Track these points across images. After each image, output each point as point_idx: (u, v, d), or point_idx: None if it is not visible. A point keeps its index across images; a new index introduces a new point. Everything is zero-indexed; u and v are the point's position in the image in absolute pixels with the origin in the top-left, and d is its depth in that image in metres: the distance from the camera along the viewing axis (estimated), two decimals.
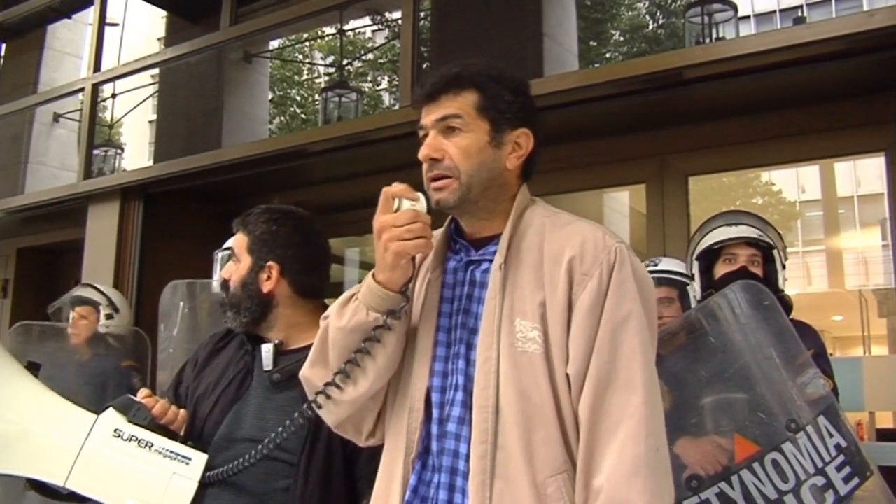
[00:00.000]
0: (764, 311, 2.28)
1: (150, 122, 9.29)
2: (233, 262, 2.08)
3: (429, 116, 1.54)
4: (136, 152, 7.83)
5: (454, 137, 1.51)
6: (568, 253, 1.46)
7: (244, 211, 2.17)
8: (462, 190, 1.50)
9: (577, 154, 4.01)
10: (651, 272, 2.87)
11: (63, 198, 5.55)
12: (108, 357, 3.78)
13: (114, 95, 6.19)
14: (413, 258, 1.50)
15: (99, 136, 5.99)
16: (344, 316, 1.52)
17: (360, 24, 6.50)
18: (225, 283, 2.08)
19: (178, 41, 5.58)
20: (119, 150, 6.69)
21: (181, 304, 3.36)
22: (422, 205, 1.47)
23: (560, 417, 1.42)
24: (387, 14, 6.34)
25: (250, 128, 5.69)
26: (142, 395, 1.94)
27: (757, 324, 2.27)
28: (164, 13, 6.66)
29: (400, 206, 1.46)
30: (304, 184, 5.08)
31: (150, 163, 5.57)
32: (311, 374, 1.62)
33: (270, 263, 2.02)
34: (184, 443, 1.91)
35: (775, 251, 2.67)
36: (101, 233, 5.10)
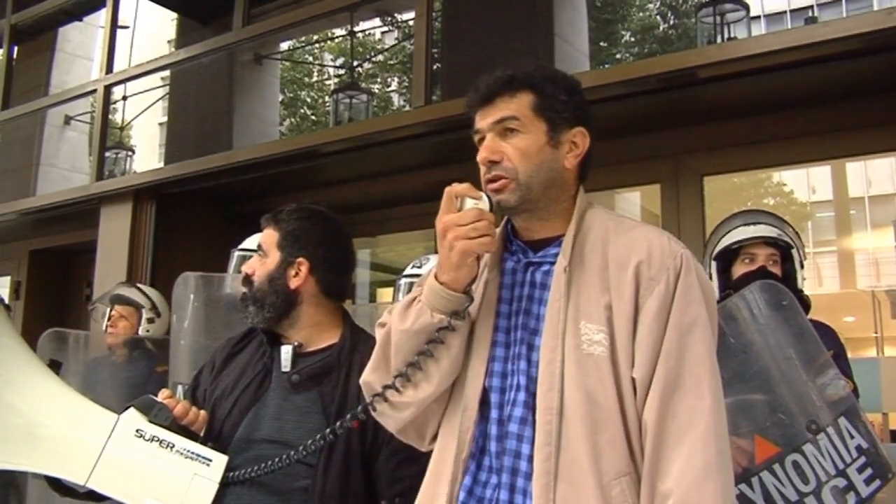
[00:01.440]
0: (783, 311, 2.26)
1: (161, 124, 9.29)
2: (258, 257, 2.08)
3: (485, 120, 1.55)
4: (147, 154, 7.84)
5: (512, 139, 1.52)
6: (635, 257, 1.46)
7: (255, 212, 2.17)
8: (522, 190, 1.50)
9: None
10: None
11: (76, 199, 5.56)
12: (143, 361, 3.73)
13: (125, 98, 6.20)
14: (478, 257, 1.50)
15: (110, 139, 6.00)
16: (408, 318, 1.52)
17: (371, 26, 6.49)
18: (248, 279, 2.07)
19: (189, 43, 5.59)
20: (130, 153, 6.70)
21: (192, 296, 3.35)
22: (485, 203, 1.47)
23: (625, 420, 1.43)
24: (397, 15, 6.32)
25: (261, 129, 5.69)
26: (163, 395, 1.95)
27: (776, 324, 2.25)
28: (175, 15, 6.70)
29: (463, 206, 1.46)
30: (316, 185, 5.08)
31: (161, 165, 5.57)
32: (372, 379, 1.61)
33: (300, 259, 2.03)
34: (204, 444, 1.91)
35: (794, 250, 2.66)
36: (114, 234, 5.11)
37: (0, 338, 1.86)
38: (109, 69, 5.64)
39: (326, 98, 7.70)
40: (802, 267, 2.73)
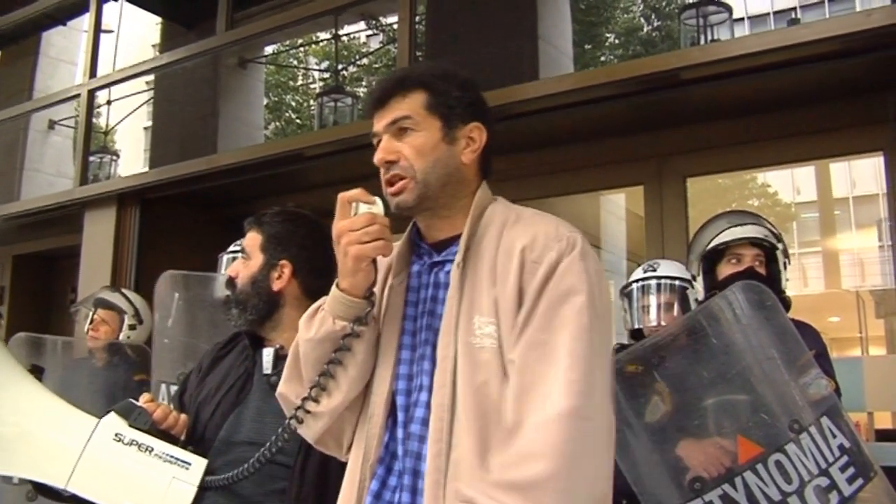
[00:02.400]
0: (765, 311, 2.27)
1: (146, 128, 9.26)
2: (242, 260, 2.09)
3: (380, 122, 1.54)
4: (132, 159, 7.81)
5: (407, 138, 1.51)
6: (519, 244, 1.44)
7: (240, 216, 2.18)
8: (419, 188, 1.49)
9: (574, 157, 4.01)
10: (650, 278, 2.88)
11: (59, 204, 5.54)
12: (121, 367, 3.68)
13: (109, 102, 6.18)
14: (374, 262, 1.48)
15: (94, 143, 5.98)
16: (312, 328, 1.52)
17: (356, 29, 6.49)
18: (231, 281, 2.08)
19: (174, 47, 5.58)
20: (114, 157, 6.68)
21: (176, 295, 3.33)
22: (378, 207, 1.46)
23: None
24: (382, 19, 6.32)
25: (246, 133, 5.68)
26: (143, 399, 1.94)
27: (759, 324, 2.26)
28: (159, 20, 6.68)
29: (357, 211, 1.45)
30: (301, 188, 5.07)
31: (146, 169, 5.56)
32: (286, 391, 1.62)
33: (283, 262, 2.04)
34: (184, 447, 1.90)
35: (778, 251, 2.67)
36: (98, 239, 5.09)
37: None
38: (93, 73, 5.62)
39: (311, 102, 7.70)
40: (786, 268, 2.75)
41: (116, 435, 1.79)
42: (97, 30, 5.73)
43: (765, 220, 2.83)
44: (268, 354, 2.02)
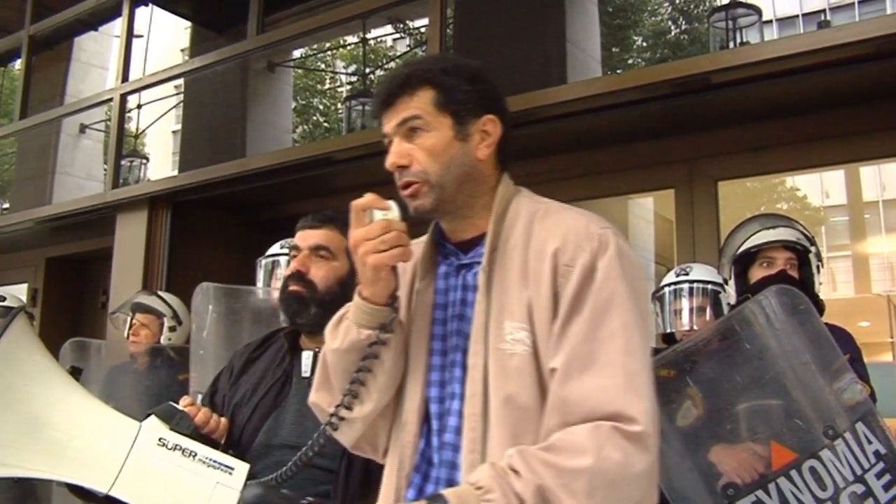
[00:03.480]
0: (799, 315, 2.25)
1: (174, 132, 9.31)
2: (318, 257, 2.05)
3: (389, 123, 1.49)
4: (161, 163, 7.87)
5: (418, 139, 1.45)
6: (551, 245, 1.39)
7: (270, 219, 2.16)
8: (436, 192, 1.44)
9: (603, 160, 4.00)
10: (682, 281, 2.87)
11: (92, 207, 5.60)
12: (165, 369, 3.71)
13: (139, 106, 6.23)
14: (394, 268, 1.45)
15: (124, 147, 6.03)
16: (337, 337, 1.50)
17: (384, 33, 6.50)
18: (303, 277, 2.03)
19: (203, 52, 5.62)
20: (144, 160, 6.73)
21: (210, 307, 3.36)
22: (394, 213, 1.42)
23: None
24: (409, 22, 6.33)
25: (274, 137, 5.70)
26: (184, 402, 1.95)
27: (792, 329, 2.24)
28: (188, 25, 6.73)
29: (372, 218, 1.42)
30: (332, 191, 5.09)
31: (175, 173, 5.60)
32: (317, 399, 1.60)
33: None
34: (224, 451, 1.91)
35: (811, 255, 2.66)
36: (130, 241, 5.14)
37: (24, 348, 1.87)
38: (125, 78, 5.67)
39: (339, 105, 7.73)
40: (819, 272, 2.72)
41: (160, 440, 1.79)
42: (129, 34, 5.78)
43: (797, 222, 2.81)
44: (307, 357, 2.03)
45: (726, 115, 3.68)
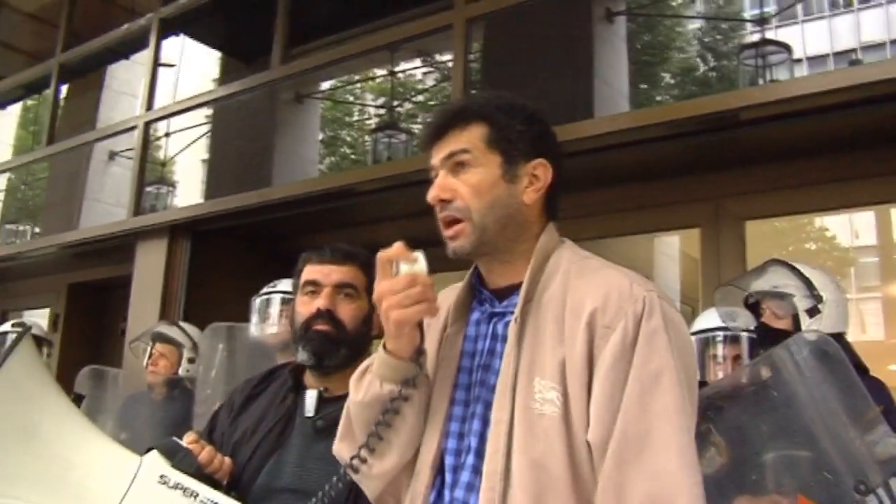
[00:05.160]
0: (829, 363, 2.18)
1: (203, 161, 9.40)
2: (346, 297, 1.97)
3: (437, 155, 1.45)
4: (189, 191, 7.95)
5: (464, 175, 1.41)
6: (590, 304, 1.31)
7: (289, 251, 2.11)
8: (477, 233, 1.39)
9: (629, 197, 3.94)
10: (723, 328, 2.84)
11: (113, 234, 5.61)
12: (180, 400, 3.67)
13: (167, 134, 6.27)
14: (420, 323, 1.39)
15: (153, 174, 6.07)
16: (360, 390, 1.45)
17: (411, 66, 6.53)
18: (332, 316, 1.94)
19: (232, 81, 5.64)
20: (171, 188, 6.77)
21: (220, 346, 3.33)
22: (420, 265, 1.36)
23: (577, 489, 1.27)
24: (437, 56, 6.35)
25: (301, 168, 5.70)
26: (188, 439, 1.89)
27: (822, 377, 2.17)
28: (220, 54, 6.79)
29: (398, 270, 1.36)
30: (352, 224, 5.07)
31: (202, 201, 5.62)
32: (340, 448, 1.55)
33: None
34: (227, 493, 1.85)
35: (795, 299, 2.59)
36: (149, 270, 5.12)
37: (28, 373, 1.82)
38: (150, 106, 5.70)
39: (366, 137, 7.77)
40: (813, 314, 2.62)
41: (161, 477, 1.73)
42: (156, 63, 5.82)
43: (791, 266, 2.72)
44: (311, 396, 1.94)
45: (754, 153, 3.61)
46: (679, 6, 5.69)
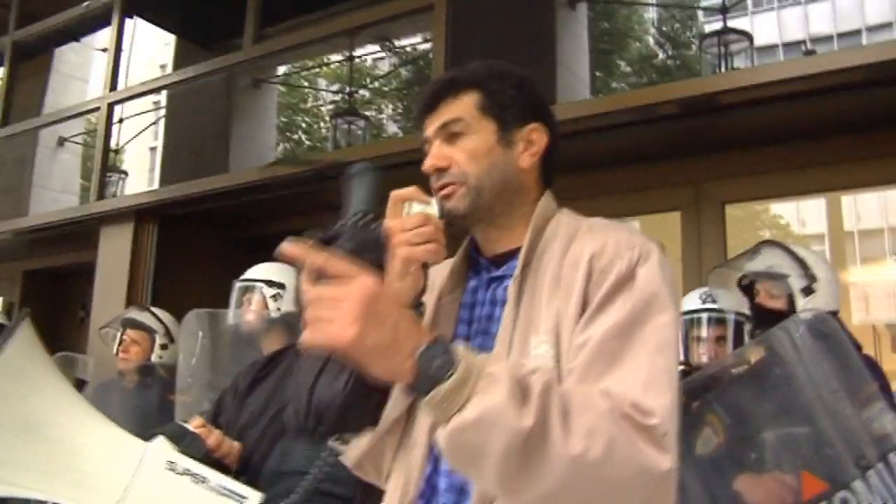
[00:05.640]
0: (828, 340, 2.21)
1: (152, 148, 9.23)
2: None
3: (430, 127, 1.41)
4: (137, 178, 7.83)
5: (459, 143, 1.38)
6: (588, 252, 1.29)
7: (258, 236, 2.07)
8: (472, 195, 1.36)
9: (607, 182, 3.94)
10: (709, 309, 2.85)
11: (76, 219, 5.43)
12: (154, 387, 3.59)
13: (120, 121, 6.12)
14: (425, 267, 1.35)
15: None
16: None
17: (368, 52, 6.49)
18: None
19: (186, 66, 5.51)
20: (123, 175, 6.63)
21: (200, 333, 3.25)
22: (433, 209, 1.34)
23: None
24: (403, 40, 6.31)
25: (258, 153, 5.62)
26: (195, 423, 1.84)
27: (822, 354, 2.19)
28: (169, 40, 6.64)
29: (410, 211, 1.34)
30: (320, 209, 4.99)
31: (153, 188, 5.50)
32: None
33: None
34: (236, 477, 1.80)
35: (790, 279, 2.63)
36: (114, 255, 4.98)
37: (29, 358, 1.76)
38: (113, 87, 5.54)
39: (322, 123, 7.71)
40: (807, 293, 2.66)
41: (169, 463, 1.68)
42: (119, 43, 5.65)
43: (786, 247, 2.77)
44: None
45: (734, 138, 3.62)
46: None
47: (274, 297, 3.24)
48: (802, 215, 12.01)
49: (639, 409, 1.13)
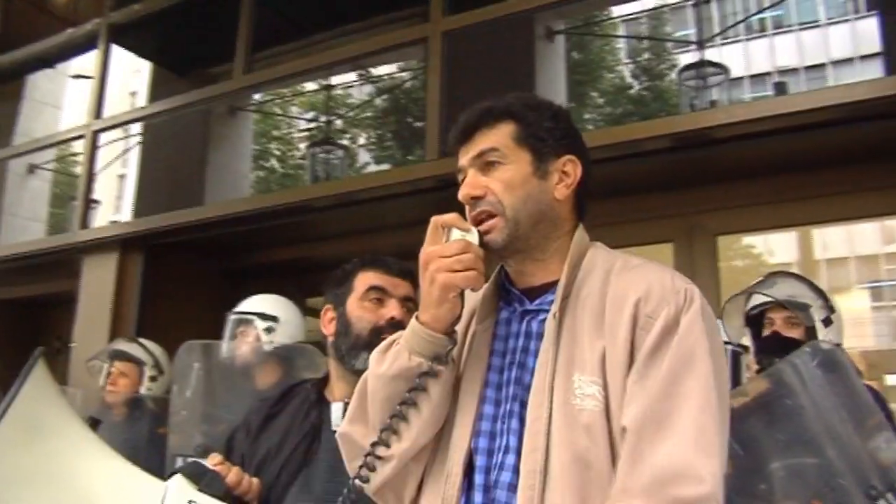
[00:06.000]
0: (834, 372, 2.23)
1: (120, 176, 9.15)
2: (408, 312, 1.97)
3: (465, 156, 1.44)
4: (106, 207, 7.77)
5: (494, 172, 1.41)
6: (633, 296, 1.31)
7: (247, 266, 2.08)
8: (510, 227, 1.38)
9: (602, 213, 3.97)
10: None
11: (57, 248, 5.33)
12: (143, 421, 3.50)
13: (97, 147, 6.04)
14: (462, 294, 1.37)
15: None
16: (384, 362, 1.39)
17: (343, 81, 6.51)
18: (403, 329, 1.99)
19: (163, 94, 5.51)
20: (94, 204, 6.55)
21: (196, 365, 3.21)
22: (473, 236, 1.36)
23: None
24: (372, 70, 6.35)
25: (233, 182, 5.61)
26: (213, 461, 1.80)
27: (830, 386, 2.21)
28: (139, 68, 6.62)
29: (449, 237, 1.36)
30: (307, 239, 4.98)
31: (122, 217, 5.44)
32: (350, 430, 1.48)
33: None
34: None
35: (811, 310, 2.65)
36: (97, 285, 4.90)
37: (44, 398, 1.72)
38: (98, 114, 5.48)
39: (296, 151, 7.71)
40: (827, 324, 2.70)
41: (190, 502, 1.64)
42: (104, 70, 5.60)
43: (803, 278, 2.82)
44: (337, 409, 1.90)
45: (728, 171, 3.67)
46: (608, 26, 5.86)
47: (267, 329, 3.23)
48: (770, 245, 12.20)
49: (688, 477, 1.17)
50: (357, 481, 1.44)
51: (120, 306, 4.75)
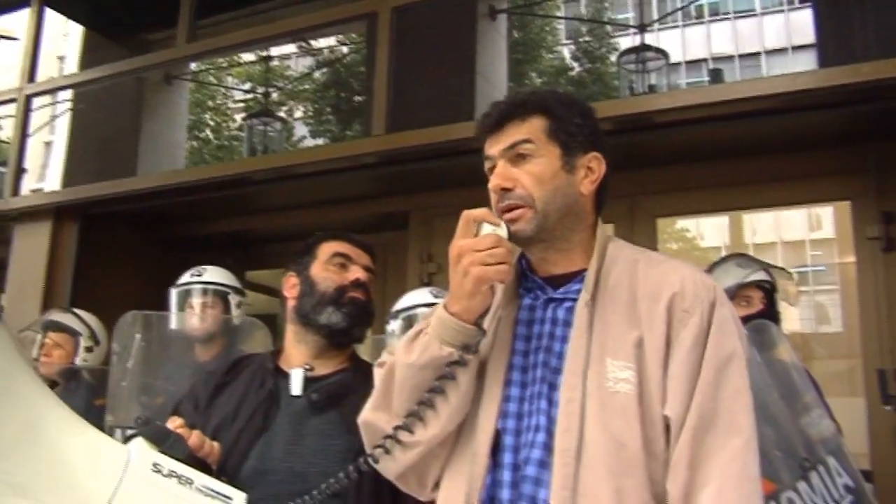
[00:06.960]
0: (773, 351, 2.32)
1: (47, 143, 8.88)
2: (369, 282, 2.05)
3: (496, 146, 1.49)
4: (31, 174, 7.53)
5: (525, 165, 1.45)
6: (668, 290, 1.40)
7: (186, 237, 2.09)
8: (539, 218, 1.43)
9: None
10: None
11: None
12: (79, 392, 3.44)
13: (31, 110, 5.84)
14: (492, 287, 1.42)
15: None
16: (413, 352, 1.43)
17: (284, 52, 6.41)
18: (367, 288, 2.04)
19: (95, 58, 5.40)
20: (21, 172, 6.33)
21: (138, 335, 3.16)
22: (503, 231, 1.41)
23: (648, 465, 1.34)
24: (312, 42, 6.26)
25: (168, 152, 5.49)
26: (174, 424, 1.79)
27: (766, 363, 2.29)
28: (66, 32, 6.46)
29: (479, 231, 1.40)
30: (244, 213, 4.92)
31: (49, 184, 5.28)
32: (374, 419, 1.51)
33: None
34: (217, 478, 1.76)
35: (777, 294, 2.84)
36: (29, 254, 4.77)
37: (4, 359, 1.67)
38: (31, 78, 5.30)
39: (231, 122, 7.58)
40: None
41: (155, 465, 1.61)
42: (37, 32, 5.42)
43: (765, 263, 2.97)
44: (297, 375, 1.94)
45: (668, 154, 3.75)
46: (550, 6, 5.89)
47: (238, 304, 3.29)
48: (702, 230, 12.48)
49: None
50: (369, 460, 1.48)
51: (53, 276, 4.63)
